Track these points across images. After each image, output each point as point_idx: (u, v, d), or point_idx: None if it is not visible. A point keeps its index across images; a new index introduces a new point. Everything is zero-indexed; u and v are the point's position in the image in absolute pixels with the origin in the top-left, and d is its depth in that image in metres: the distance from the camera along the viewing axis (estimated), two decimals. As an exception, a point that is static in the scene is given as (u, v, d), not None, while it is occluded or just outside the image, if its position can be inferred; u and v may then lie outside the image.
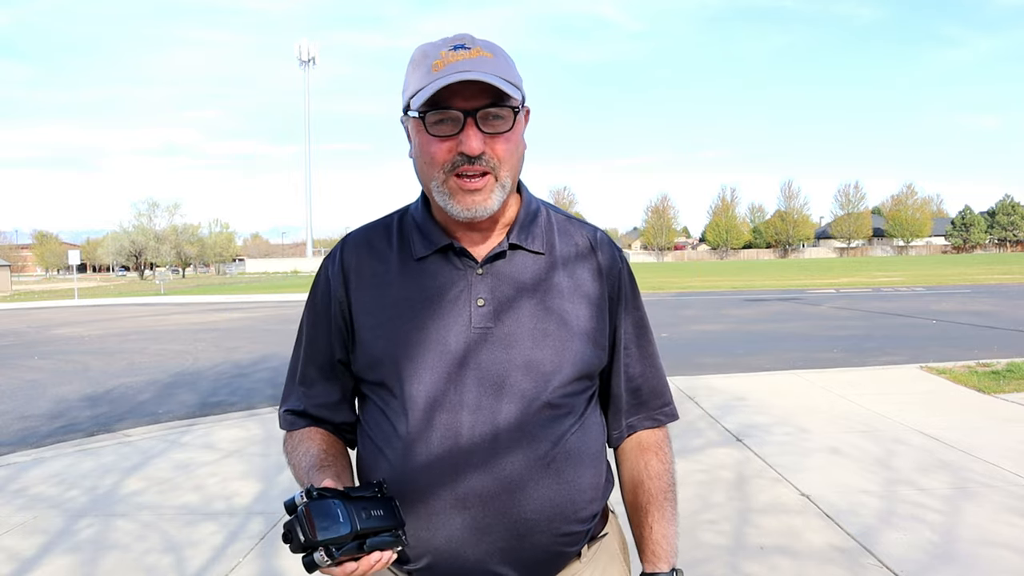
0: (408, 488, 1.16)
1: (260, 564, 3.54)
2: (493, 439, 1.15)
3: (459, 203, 1.16)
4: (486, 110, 1.13)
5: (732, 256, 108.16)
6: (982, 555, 3.36)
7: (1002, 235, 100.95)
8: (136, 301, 31.88)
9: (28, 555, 3.72)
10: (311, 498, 1.01)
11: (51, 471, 5.24)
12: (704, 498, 4.22)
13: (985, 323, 13.58)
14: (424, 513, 1.16)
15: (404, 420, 1.18)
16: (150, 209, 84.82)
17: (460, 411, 1.15)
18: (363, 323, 1.24)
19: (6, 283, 50.07)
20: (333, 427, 1.32)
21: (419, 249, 1.24)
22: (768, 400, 6.81)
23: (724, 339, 12.66)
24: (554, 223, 1.30)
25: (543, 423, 1.17)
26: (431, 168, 1.16)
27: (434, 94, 1.11)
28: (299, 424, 1.32)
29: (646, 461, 1.35)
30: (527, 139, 1.26)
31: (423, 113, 1.14)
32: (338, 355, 1.29)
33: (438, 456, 1.15)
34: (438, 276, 1.22)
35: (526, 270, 1.23)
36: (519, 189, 1.29)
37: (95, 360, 12.01)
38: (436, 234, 1.24)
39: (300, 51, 29.23)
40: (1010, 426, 5.68)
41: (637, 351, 1.34)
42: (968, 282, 28.03)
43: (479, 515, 1.15)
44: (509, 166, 1.17)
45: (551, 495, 1.17)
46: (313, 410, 1.31)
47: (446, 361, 1.17)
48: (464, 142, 1.12)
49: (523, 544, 1.17)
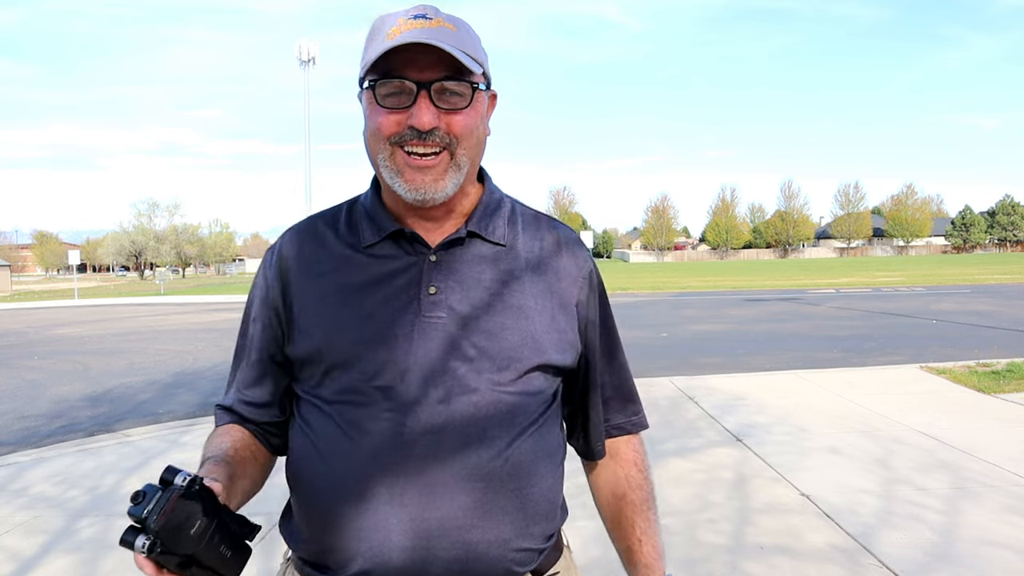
0: (344, 490, 1.06)
1: (260, 564, 3.54)
2: (438, 438, 1.04)
3: (407, 181, 1.05)
4: (442, 83, 1.03)
5: (732, 256, 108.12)
6: (982, 555, 3.36)
7: (1002, 235, 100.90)
8: (136, 301, 31.89)
9: (29, 555, 3.72)
10: (190, 489, 0.90)
11: (52, 471, 5.24)
12: (704, 498, 4.22)
13: (985, 323, 13.58)
14: (360, 517, 1.04)
15: (343, 416, 1.07)
16: (150, 209, 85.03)
17: (405, 407, 1.05)
18: (301, 313, 1.13)
19: (6, 283, 50.08)
20: (258, 427, 1.20)
21: (368, 236, 1.13)
22: (768, 400, 6.81)
23: (724, 339, 12.66)
24: (519, 216, 1.19)
25: (495, 423, 1.06)
26: (376, 142, 1.06)
27: (385, 63, 1.01)
28: (224, 420, 1.22)
29: (626, 473, 1.27)
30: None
31: (373, 83, 1.04)
32: (271, 351, 1.18)
33: (378, 456, 1.04)
34: (387, 263, 1.11)
35: (484, 260, 1.12)
36: (481, 179, 1.19)
37: (95, 360, 12.01)
38: (385, 220, 1.13)
39: (300, 51, 29.27)
40: (1010, 426, 5.69)
41: (605, 358, 1.25)
42: (968, 282, 28.02)
43: (420, 521, 1.03)
44: (467, 146, 1.06)
45: (502, 502, 1.06)
46: (240, 408, 1.20)
47: (391, 352, 1.06)
48: (415, 115, 1.02)
49: (468, 555, 1.04)
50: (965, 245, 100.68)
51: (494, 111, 1.18)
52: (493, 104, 1.17)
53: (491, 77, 1.13)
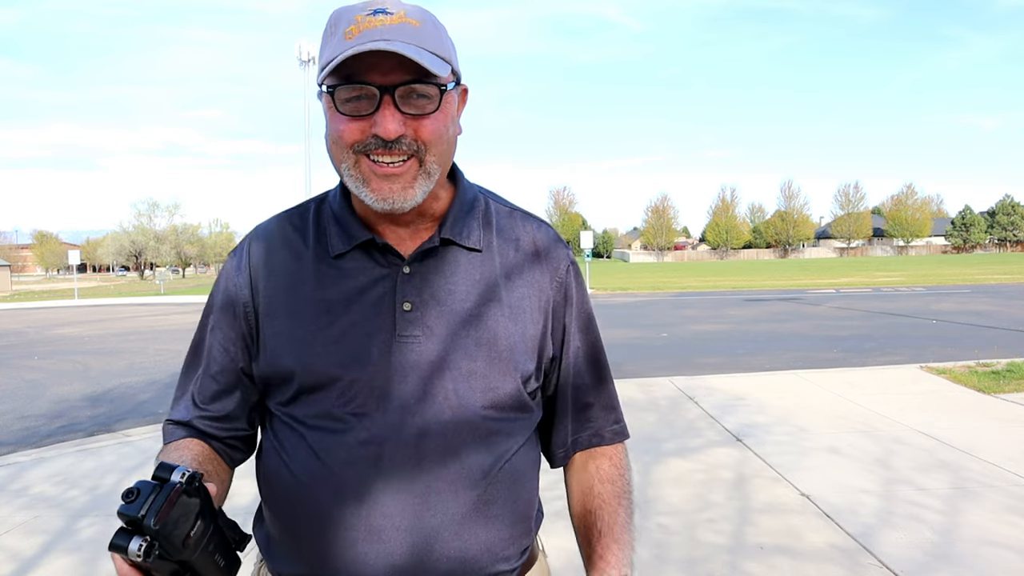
0: (317, 515, 1.02)
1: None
2: (417, 462, 1.00)
3: (374, 191, 0.99)
4: (407, 87, 0.96)
5: (732, 256, 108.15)
6: (982, 555, 3.36)
7: (1002, 235, 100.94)
8: (136, 301, 31.90)
9: (29, 555, 3.72)
10: (190, 485, 0.81)
11: (52, 471, 5.24)
12: (704, 498, 4.22)
13: (985, 323, 13.59)
14: (334, 543, 1.01)
15: (317, 437, 1.02)
16: (150, 209, 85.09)
17: (382, 431, 1.00)
18: (270, 328, 1.07)
19: (6, 283, 50.10)
20: (220, 442, 1.13)
21: (336, 245, 1.07)
22: (768, 400, 6.81)
23: (724, 339, 12.66)
24: (493, 215, 1.13)
25: (475, 446, 1.03)
26: (339, 150, 0.99)
27: (345, 66, 0.94)
28: (178, 435, 1.12)
29: (597, 465, 1.19)
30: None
31: (332, 88, 0.97)
32: (240, 364, 1.11)
33: (353, 481, 1.00)
34: (358, 276, 1.06)
35: (459, 269, 1.07)
36: (453, 177, 1.13)
37: (95, 360, 12.02)
38: (355, 228, 1.07)
39: (300, 51, 29.20)
40: (1010, 426, 5.69)
41: (585, 361, 1.18)
42: (968, 282, 28.04)
43: (395, 549, 0.99)
44: (437, 152, 1.00)
45: (479, 529, 1.03)
46: (200, 423, 1.12)
47: (366, 373, 1.02)
48: (379, 123, 0.95)
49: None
50: (965, 245, 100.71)
51: (465, 107, 1.10)
52: (464, 100, 1.09)
53: (460, 72, 1.06)
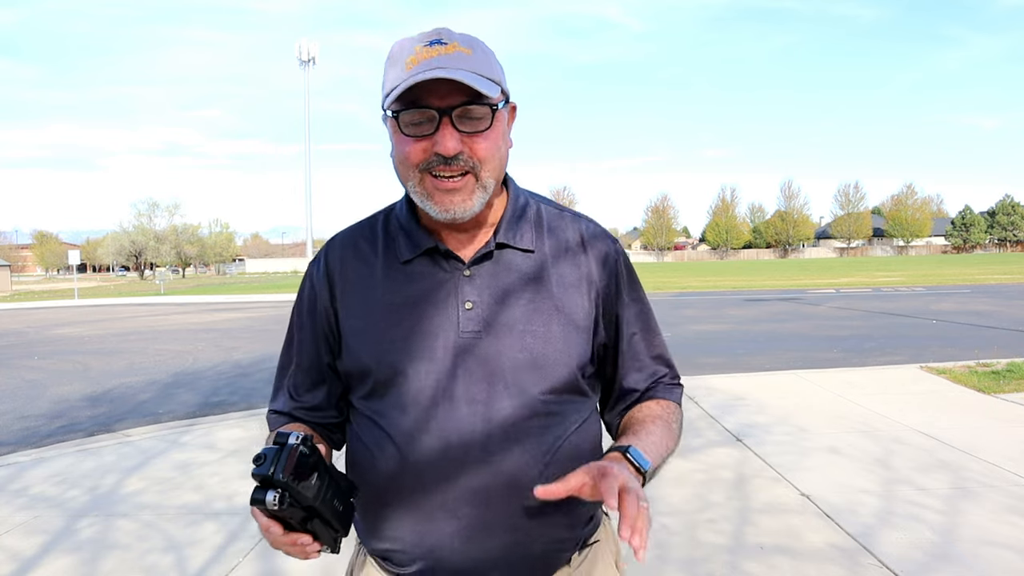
0: (401, 493, 1.15)
1: (261, 564, 3.54)
2: (485, 444, 1.13)
3: (437, 204, 1.12)
4: (463, 108, 1.09)
5: (732, 256, 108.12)
6: (982, 555, 3.36)
7: (1002, 235, 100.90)
8: (136, 301, 31.88)
9: (29, 555, 3.72)
10: (305, 444, 0.99)
11: (52, 471, 5.24)
12: (704, 498, 4.22)
13: (985, 323, 13.58)
14: (416, 519, 1.15)
15: (395, 426, 1.16)
16: (150, 209, 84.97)
17: (451, 417, 1.13)
18: (349, 329, 1.22)
19: (6, 283, 50.07)
20: (318, 427, 1.30)
21: (404, 252, 1.21)
22: (768, 400, 6.81)
23: (724, 339, 12.66)
24: (544, 218, 1.26)
25: (536, 428, 1.15)
26: (406, 169, 1.13)
27: (408, 92, 1.07)
28: (281, 421, 1.31)
29: (642, 404, 1.29)
30: (514, 137, 1.22)
31: (397, 112, 1.10)
32: (325, 359, 1.27)
33: (430, 462, 1.13)
34: (424, 279, 1.19)
35: (515, 269, 1.20)
36: (506, 184, 1.26)
37: (95, 360, 12.01)
38: (420, 236, 1.20)
39: (300, 51, 29.34)
40: (1010, 426, 5.68)
41: (642, 337, 1.31)
42: (968, 282, 28.02)
43: (471, 522, 1.13)
44: (491, 166, 1.13)
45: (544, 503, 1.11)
46: (299, 413, 1.30)
47: (435, 367, 1.15)
48: (439, 142, 1.08)
49: (515, 551, 1.15)
50: (965, 245, 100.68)
51: (515, 121, 1.23)
52: (513, 116, 1.22)
53: (509, 92, 1.17)
